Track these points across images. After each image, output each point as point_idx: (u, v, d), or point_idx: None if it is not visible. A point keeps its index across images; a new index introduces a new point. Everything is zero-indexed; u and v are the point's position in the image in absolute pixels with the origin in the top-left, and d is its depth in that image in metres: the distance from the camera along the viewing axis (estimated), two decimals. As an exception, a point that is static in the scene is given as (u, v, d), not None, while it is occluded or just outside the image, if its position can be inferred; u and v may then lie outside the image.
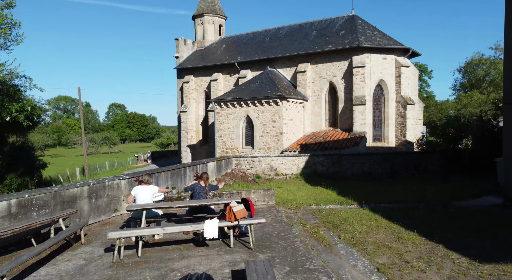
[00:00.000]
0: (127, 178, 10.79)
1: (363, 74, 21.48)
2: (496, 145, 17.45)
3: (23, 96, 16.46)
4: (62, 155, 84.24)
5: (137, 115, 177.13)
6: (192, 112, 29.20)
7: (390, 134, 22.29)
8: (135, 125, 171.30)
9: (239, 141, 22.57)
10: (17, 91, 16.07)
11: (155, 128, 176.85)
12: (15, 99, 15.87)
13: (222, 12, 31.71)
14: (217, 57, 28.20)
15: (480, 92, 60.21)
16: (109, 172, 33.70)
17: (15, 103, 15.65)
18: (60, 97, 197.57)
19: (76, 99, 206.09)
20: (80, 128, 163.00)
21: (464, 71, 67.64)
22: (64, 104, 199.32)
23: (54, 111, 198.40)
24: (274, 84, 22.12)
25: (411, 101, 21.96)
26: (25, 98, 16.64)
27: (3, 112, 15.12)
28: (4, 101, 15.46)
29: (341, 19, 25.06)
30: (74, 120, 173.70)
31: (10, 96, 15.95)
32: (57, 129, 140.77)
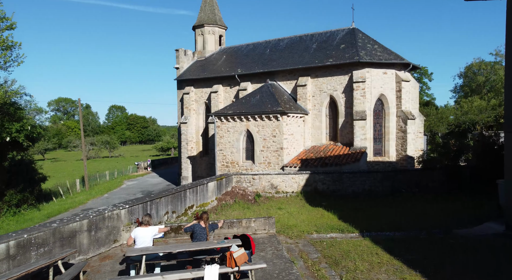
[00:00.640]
0: (127, 207, 10.74)
1: (363, 89, 21.43)
2: (497, 161, 17.41)
3: (23, 114, 16.45)
4: (63, 159, 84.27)
5: (137, 117, 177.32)
6: (192, 124, 29.16)
7: (391, 149, 22.23)
8: (135, 127, 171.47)
9: (240, 155, 22.52)
10: (17, 109, 16.05)
11: (155, 130, 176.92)
12: (15, 118, 15.84)
13: (222, 23, 31.70)
14: (217, 69, 28.18)
15: (480, 98, 60.24)
16: (109, 182, 33.65)
17: (15, 123, 15.62)
18: (60, 99, 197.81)
19: (76, 101, 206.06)
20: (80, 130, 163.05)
21: (464, 75, 67.55)
22: (65, 106, 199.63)
23: (55, 113, 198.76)
24: (274, 99, 22.08)
25: (412, 116, 21.91)
26: (25, 116, 16.63)
27: (3, 132, 15.09)
28: (4, 120, 15.44)
29: (341, 31, 25.03)
30: (74, 122, 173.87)
31: (10, 115, 15.92)
32: (57, 132, 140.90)
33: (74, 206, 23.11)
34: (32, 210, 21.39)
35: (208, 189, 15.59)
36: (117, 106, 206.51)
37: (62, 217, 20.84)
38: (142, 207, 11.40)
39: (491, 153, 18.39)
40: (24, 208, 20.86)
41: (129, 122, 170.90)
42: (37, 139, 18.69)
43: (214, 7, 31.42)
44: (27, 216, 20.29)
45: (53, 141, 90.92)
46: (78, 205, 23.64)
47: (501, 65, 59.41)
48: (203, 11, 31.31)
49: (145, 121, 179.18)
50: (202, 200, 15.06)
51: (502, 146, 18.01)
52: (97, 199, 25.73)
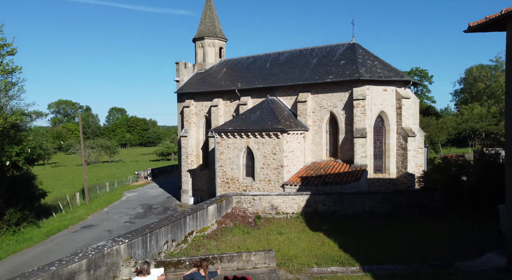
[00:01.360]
0: (126, 241, 10.68)
1: (363, 107, 21.40)
2: (497, 180, 17.36)
3: (23, 137, 16.41)
4: (63, 165, 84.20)
5: (137, 120, 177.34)
6: (192, 137, 29.13)
7: (391, 166, 22.19)
8: (135, 129, 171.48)
9: (240, 171, 22.47)
10: (17, 131, 16.00)
11: (156, 132, 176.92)
12: (15, 140, 15.79)
13: (222, 35, 31.69)
14: (217, 82, 28.16)
15: (480, 104, 60.30)
16: (109, 194, 33.57)
17: (15, 146, 15.59)
18: (60, 101, 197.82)
19: (77, 103, 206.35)
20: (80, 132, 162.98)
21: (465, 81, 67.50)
22: (65, 108, 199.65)
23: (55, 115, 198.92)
24: (274, 115, 22.04)
25: (412, 133, 21.87)
26: (25, 138, 16.59)
27: (3, 155, 15.05)
28: (4, 143, 15.40)
29: (341, 46, 25.01)
30: (75, 124, 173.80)
31: (11, 138, 15.89)
32: (58, 134, 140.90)
33: (74, 223, 23.06)
34: (32, 227, 21.34)
35: (208, 213, 15.55)
36: (118, 108, 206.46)
37: (62, 234, 20.86)
38: (142, 240, 11.35)
39: (491, 171, 18.35)
40: (24, 226, 20.82)
41: (129, 125, 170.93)
42: (37, 159, 18.66)
43: (214, 19, 31.41)
44: (26, 234, 20.24)
45: (53, 146, 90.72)
46: (78, 221, 23.59)
47: (501, 72, 59.44)
48: (203, 24, 31.30)
49: (145, 124, 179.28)
50: (202, 224, 15.02)
51: (502, 165, 17.98)
52: (97, 214, 25.68)
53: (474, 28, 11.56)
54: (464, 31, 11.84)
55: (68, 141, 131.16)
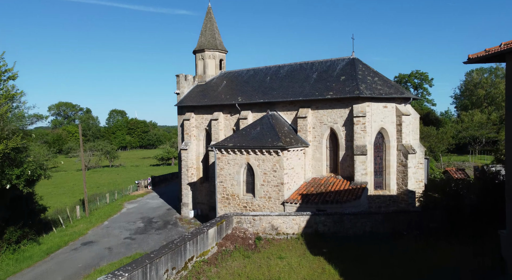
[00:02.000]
0: (126, 275, 10.67)
1: (364, 124, 21.41)
2: (498, 199, 17.36)
3: (24, 158, 16.42)
4: (63, 170, 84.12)
5: (137, 122, 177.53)
6: (192, 150, 29.14)
7: (392, 182, 22.19)
8: (135, 132, 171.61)
9: (240, 188, 22.48)
10: (18, 153, 16.00)
11: (156, 134, 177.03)
12: (16, 162, 15.80)
13: (223, 47, 31.72)
14: (218, 95, 28.18)
15: (480, 111, 60.33)
16: (109, 205, 33.55)
17: (15, 169, 15.59)
18: (61, 103, 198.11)
19: (77, 105, 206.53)
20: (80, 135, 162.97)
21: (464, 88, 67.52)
22: (65, 110, 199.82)
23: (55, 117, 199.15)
24: (274, 132, 22.05)
25: (412, 150, 21.87)
26: (26, 160, 16.59)
27: (4, 179, 15.06)
28: (5, 165, 15.40)
29: (341, 61, 25.03)
30: (75, 126, 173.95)
31: (11, 160, 15.90)
32: (58, 137, 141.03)
33: (74, 238, 23.06)
34: (32, 244, 21.34)
35: (209, 236, 15.54)
36: (118, 110, 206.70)
37: (62, 252, 20.85)
38: (142, 272, 11.34)
39: (492, 190, 18.34)
40: (24, 243, 20.81)
41: (130, 127, 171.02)
42: (38, 179, 18.70)
43: (214, 31, 31.44)
44: (26, 252, 20.24)
45: (53, 151, 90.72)
46: (78, 236, 23.59)
47: (501, 78, 59.44)
48: (204, 36, 31.33)
49: (145, 126, 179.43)
50: (202, 248, 15.01)
51: (503, 183, 17.98)
52: (97, 228, 25.66)
53: (474, 60, 11.58)
54: (464, 63, 11.86)
55: (68, 144, 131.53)
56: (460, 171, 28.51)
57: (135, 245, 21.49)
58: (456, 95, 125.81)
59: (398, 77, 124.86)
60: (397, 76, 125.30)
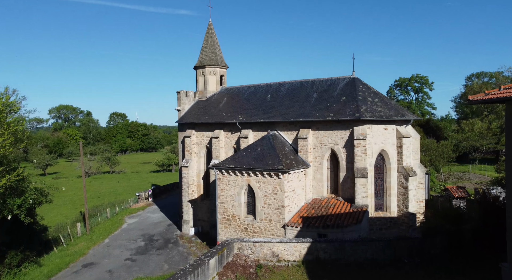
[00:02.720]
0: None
1: (364, 146, 21.45)
2: (499, 226, 17.39)
3: (25, 187, 16.46)
4: (64, 176, 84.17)
5: (138, 125, 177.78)
6: (193, 167, 29.18)
7: (392, 204, 22.22)
8: (136, 135, 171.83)
9: (241, 209, 22.52)
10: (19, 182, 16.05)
11: (156, 138, 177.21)
12: (17, 191, 15.84)
13: (223, 63, 31.80)
14: (218, 113, 28.22)
15: (481, 120, 60.31)
16: (110, 219, 33.58)
17: (17, 198, 15.63)
18: (61, 106, 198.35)
19: (78, 108, 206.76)
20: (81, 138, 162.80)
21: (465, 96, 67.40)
22: (66, 113, 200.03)
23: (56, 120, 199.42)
24: (275, 153, 22.08)
25: (413, 173, 21.91)
26: (27, 188, 16.63)
27: (5, 209, 15.09)
28: (6, 195, 15.44)
29: (342, 81, 25.08)
30: (75, 129, 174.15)
31: (12, 188, 15.94)
32: (58, 141, 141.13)
33: (75, 259, 23.07)
34: (33, 266, 21.36)
35: (209, 266, 15.57)
36: (118, 113, 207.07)
37: (63, 275, 20.87)
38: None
39: (492, 216, 18.38)
40: (25, 266, 20.84)
41: (130, 130, 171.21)
42: (39, 205, 18.76)
43: (215, 47, 31.52)
44: (27, 276, 20.26)
45: (53, 156, 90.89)
46: (79, 256, 23.60)
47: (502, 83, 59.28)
48: (204, 52, 31.41)
49: (145, 129, 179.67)
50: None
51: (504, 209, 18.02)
52: (98, 247, 25.68)
53: (474, 102, 11.64)
54: (464, 103, 11.92)
55: (69, 148, 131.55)
56: (460, 189, 28.51)
57: (136, 268, 21.49)
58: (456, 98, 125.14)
59: (399, 80, 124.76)
60: (398, 80, 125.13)
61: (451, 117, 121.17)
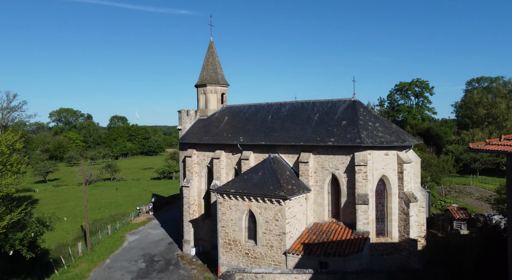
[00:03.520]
0: None
1: (365, 172, 21.49)
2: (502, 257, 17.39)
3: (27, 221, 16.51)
4: (64, 184, 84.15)
5: (138, 128, 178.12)
6: (194, 186, 29.21)
7: (394, 229, 22.23)
8: (136, 138, 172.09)
9: (242, 234, 22.56)
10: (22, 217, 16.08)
11: (156, 141, 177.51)
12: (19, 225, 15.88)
13: (224, 81, 31.87)
14: (219, 133, 28.27)
15: (481, 130, 60.34)
16: (111, 236, 33.58)
17: (18, 233, 15.67)
18: (62, 109, 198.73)
19: (78, 111, 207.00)
20: (81, 142, 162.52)
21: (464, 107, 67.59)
22: (66, 116, 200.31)
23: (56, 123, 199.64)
24: (276, 179, 22.13)
25: (414, 199, 21.93)
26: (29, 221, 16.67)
27: (6, 244, 15.13)
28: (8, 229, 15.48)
29: (342, 103, 25.13)
30: (76, 133, 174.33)
31: (14, 222, 15.98)
32: (59, 145, 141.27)
33: (76, 283, 23.10)
34: (34, 292, 21.40)
35: (211, 302, 15.57)
36: (119, 116, 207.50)
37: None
38: None
39: (494, 245, 18.37)
40: (26, 293, 20.87)
41: (131, 134, 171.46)
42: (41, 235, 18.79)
43: (216, 65, 31.61)
44: (29, 303, 20.30)
45: (54, 163, 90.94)
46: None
47: (502, 98, 59.50)
48: (205, 70, 31.49)
49: (146, 132, 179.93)
50: (205, 316, 15.03)
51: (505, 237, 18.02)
52: (99, 269, 25.68)
53: (474, 150, 11.68)
54: (465, 150, 11.96)
55: (69, 153, 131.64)
56: (461, 210, 28.50)
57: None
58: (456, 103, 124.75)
59: (399, 85, 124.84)
60: (398, 84, 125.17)
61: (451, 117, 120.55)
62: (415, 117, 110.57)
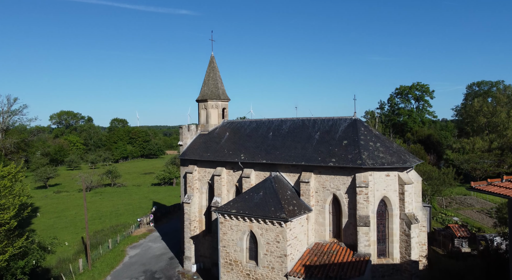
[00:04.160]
0: None
1: (366, 194, 21.50)
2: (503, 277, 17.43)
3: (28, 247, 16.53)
4: (65, 190, 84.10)
5: (138, 131, 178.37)
6: (195, 203, 29.23)
7: (395, 251, 22.23)
8: (136, 141, 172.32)
9: (243, 254, 22.55)
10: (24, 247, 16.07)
11: (157, 144, 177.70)
12: (21, 252, 15.88)
13: (225, 96, 31.92)
14: (220, 149, 28.29)
15: (481, 138, 60.37)
16: (112, 251, 33.57)
17: (20, 261, 15.68)
18: (62, 112, 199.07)
19: (79, 114, 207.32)
20: (82, 145, 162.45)
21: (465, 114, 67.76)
22: (67, 119, 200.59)
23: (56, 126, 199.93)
24: (277, 200, 22.14)
25: (415, 220, 21.94)
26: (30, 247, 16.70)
27: (8, 273, 15.14)
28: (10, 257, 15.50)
29: (343, 122, 25.16)
30: (76, 136, 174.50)
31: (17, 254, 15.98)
32: (59, 148, 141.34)
33: (77, 304, 23.08)
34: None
35: None
36: (119, 119, 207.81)
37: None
38: None
39: (495, 269, 18.41)
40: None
41: (131, 136, 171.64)
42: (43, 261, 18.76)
43: (217, 80, 31.67)
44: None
45: (55, 169, 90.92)
46: (81, 299, 23.63)
47: (502, 106, 59.53)
48: (206, 85, 31.54)
49: (146, 135, 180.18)
50: None
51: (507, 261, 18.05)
52: (100, 286, 25.74)
53: (476, 190, 11.69)
54: (466, 188, 11.98)
55: (70, 157, 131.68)
56: (462, 228, 28.49)
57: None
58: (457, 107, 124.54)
59: (399, 88, 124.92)
60: (398, 88, 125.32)
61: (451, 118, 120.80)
62: (416, 121, 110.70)
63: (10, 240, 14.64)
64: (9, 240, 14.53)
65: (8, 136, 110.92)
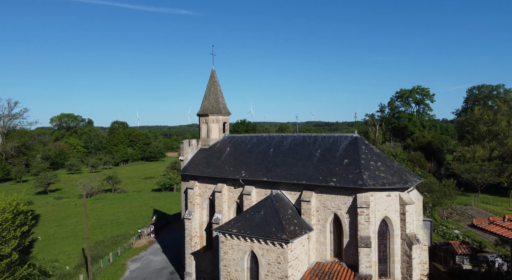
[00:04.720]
0: None
1: (367, 215, 21.49)
2: None
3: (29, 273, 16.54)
4: (65, 196, 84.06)
5: (139, 134, 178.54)
6: (196, 218, 29.23)
7: (396, 271, 22.20)
8: (137, 144, 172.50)
9: (244, 274, 22.53)
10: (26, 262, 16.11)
11: (157, 147, 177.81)
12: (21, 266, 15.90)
13: (226, 110, 31.94)
14: (221, 165, 28.30)
15: (482, 147, 60.33)
16: (113, 265, 33.56)
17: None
18: (62, 114, 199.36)
19: (79, 116, 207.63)
20: (82, 148, 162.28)
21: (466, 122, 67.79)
22: (67, 122, 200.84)
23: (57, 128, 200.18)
24: (279, 219, 22.13)
25: (416, 241, 21.92)
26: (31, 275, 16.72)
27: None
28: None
29: (344, 139, 25.18)
30: (77, 138, 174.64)
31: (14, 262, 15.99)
32: (60, 151, 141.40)
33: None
34: None
35: None
36: (119, 122, 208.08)
37: None
38: None
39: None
40: None
41: (131, 139, 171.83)
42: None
43: (218, 95, 31.70)
44: None
45: (55, 174, 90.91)
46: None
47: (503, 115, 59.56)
48: (207, 100, 31.57)
49: (147, 138, 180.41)
50: None
51: None
52: (101, 304, 25.70)
53: (477, 228, 11.68)
54: (468, 225, 11.98)
55: (70, 160, 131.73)
56: (464, 245, 28.44)
57: None
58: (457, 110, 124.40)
59: (400, 92, 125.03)
60: (399, 91, 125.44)
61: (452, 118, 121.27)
62: (416, 125, 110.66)
63: (11, 270, 14.64)
64: (10, 270, 14.53)
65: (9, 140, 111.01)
